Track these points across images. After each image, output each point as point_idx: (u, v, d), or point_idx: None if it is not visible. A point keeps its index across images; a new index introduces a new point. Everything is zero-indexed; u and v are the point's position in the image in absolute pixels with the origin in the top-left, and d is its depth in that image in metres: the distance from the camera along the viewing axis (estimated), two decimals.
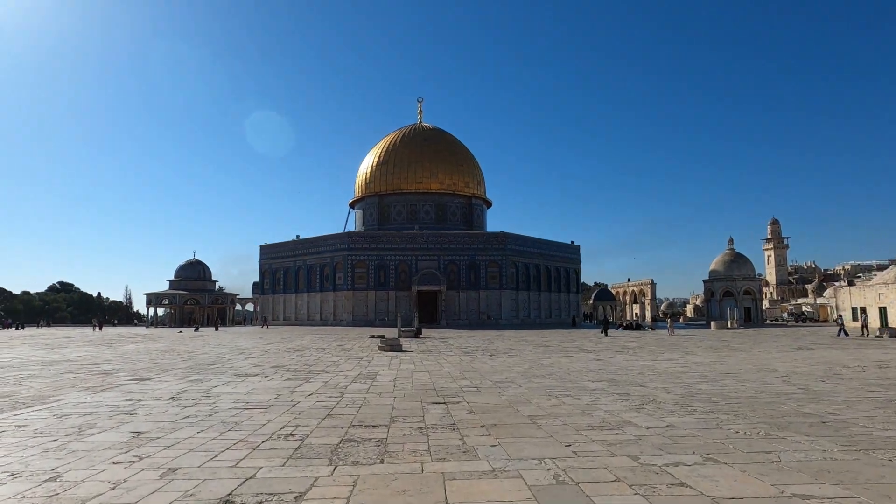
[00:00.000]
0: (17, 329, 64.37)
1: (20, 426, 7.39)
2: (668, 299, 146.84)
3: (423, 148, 73.38)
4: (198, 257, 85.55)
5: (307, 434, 6.69)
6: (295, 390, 10.94)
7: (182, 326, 70.69)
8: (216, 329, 61.63)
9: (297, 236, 69.59)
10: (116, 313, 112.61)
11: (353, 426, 7.18)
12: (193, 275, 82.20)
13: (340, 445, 6.08)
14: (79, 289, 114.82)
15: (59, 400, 9.83)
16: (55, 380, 13.11)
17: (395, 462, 5.37)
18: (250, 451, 5.87)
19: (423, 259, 62.58)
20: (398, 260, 62.76)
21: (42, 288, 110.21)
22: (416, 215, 70.91)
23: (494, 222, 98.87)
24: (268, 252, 72.03)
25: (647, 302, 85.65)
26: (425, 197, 71.52)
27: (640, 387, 11.31)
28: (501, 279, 62.86)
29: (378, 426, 7.17)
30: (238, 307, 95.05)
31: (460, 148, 77.54)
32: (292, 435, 6.65)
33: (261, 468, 5.16)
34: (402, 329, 34.92)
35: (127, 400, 9.77)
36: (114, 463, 5.37)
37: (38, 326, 75.83)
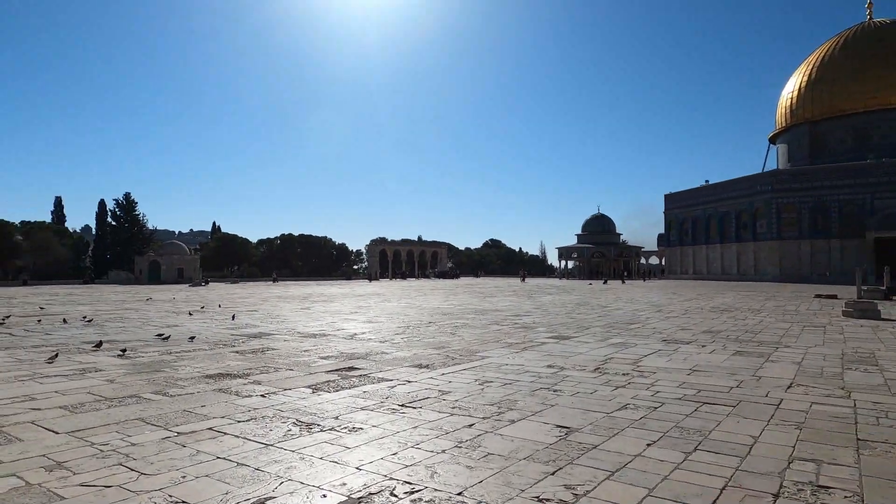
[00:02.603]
0: (454, 279, 77.79)
1: (443, 392, 6.51)
2: None
3: (877, 51, 55.82)
4: (602, 211, 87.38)
5: (874, 501, 3.57)
6: (758, 375, 7.74)
7: (590, 279, 73.29)
8: (623, 282, 61.31)
9: (706, 182, 62.96)
10: (533, 266, 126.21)
11: None
12: (598, 228, 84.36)
13: None
14: (505, 245, 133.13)
15: (483, 358, 9.16)
16: (483, 331, 13.17)
17: None
18: None
19: (882, 196, 48.12)
20: (842, 200, 49.90)
21: (478, 244, 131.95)
22: (868, 140, 54.94)
23: None
24: (673, 201, 67.56)
25: None
26: (881, 115, 54.63)
27: None
28: None
29: None
30: (642, 260, 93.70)
31: None
32: (826, 490, 3.65)
33: None
34: (864, 288, 26.60)
35: (548, 366, 8.37)
36: (539, 500, 3.45)
37: (476, 276, 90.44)
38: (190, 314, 17.88)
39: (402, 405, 5.89)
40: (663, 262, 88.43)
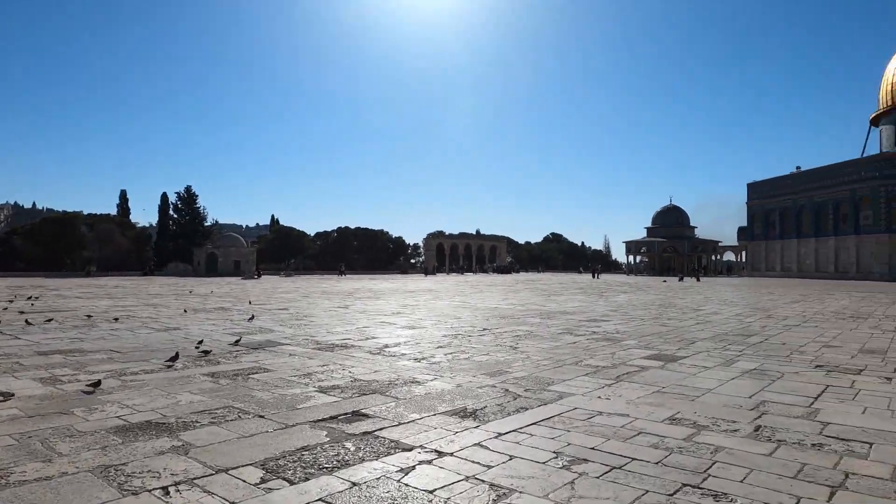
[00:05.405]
0: (511, 273, 74.13)
1: (499, 494, 3.44)
2: None
3: None
4: (674, 202, 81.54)
5: None
6: None
7: (661, 275, 68.05)
8: (697, 280, 56.28)
9: (797, 168, 56.61)
10: (596, 261, 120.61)
11: None
12: (671, 221, 78.66)
13: None
14: (567, 239, 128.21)
15: (560, 396, 6.02)
16: (554, 344, 9.98)
17: None
18: None
19: None
20: None
21: (539, 238, 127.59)
22: None
23: None
24: (758, 191, 61.36)
25: None
26: None
27: None
28: None
29: None
30: (716, 256, 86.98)
31: None
32: None
33: None
34: None
35: (670, 420, 5.13)
36: None
37: (537, 272, 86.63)
38: (184, 311, 15.59)
39: None
40: (742, 258, 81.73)
